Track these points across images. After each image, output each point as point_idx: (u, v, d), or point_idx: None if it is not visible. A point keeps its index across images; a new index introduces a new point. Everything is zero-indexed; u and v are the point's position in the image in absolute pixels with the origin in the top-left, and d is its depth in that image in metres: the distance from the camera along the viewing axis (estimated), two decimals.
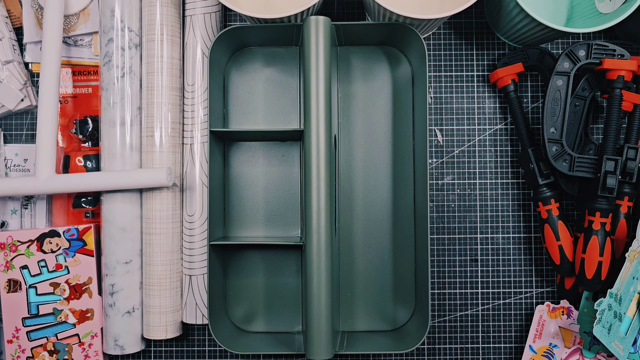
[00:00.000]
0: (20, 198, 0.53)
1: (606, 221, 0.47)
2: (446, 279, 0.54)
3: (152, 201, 0.50)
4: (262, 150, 0.53)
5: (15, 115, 0.55)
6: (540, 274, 0.54)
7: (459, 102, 0.54)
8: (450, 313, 0.54)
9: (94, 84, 0.54)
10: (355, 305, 0.52)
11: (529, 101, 0.54)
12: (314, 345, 0.45)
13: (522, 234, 0.54)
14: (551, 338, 0.52)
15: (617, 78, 0.48)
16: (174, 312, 0.50)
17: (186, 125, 0.51)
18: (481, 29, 0.55)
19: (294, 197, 0.52)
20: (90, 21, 0.53)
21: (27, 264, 0.51)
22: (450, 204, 0.54)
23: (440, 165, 0.54)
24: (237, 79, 0.52)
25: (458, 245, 0.54)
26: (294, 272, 0.52)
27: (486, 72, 0.54)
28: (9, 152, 0.54)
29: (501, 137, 0.54)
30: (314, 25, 0.46)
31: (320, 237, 0.46)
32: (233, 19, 0.55)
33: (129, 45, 0.50)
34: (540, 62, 0.52)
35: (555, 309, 0.52)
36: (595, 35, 0.54)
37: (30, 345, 0.51)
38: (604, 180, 0.47)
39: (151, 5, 0.49)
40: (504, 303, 0.54)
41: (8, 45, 0.52)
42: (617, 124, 0.48)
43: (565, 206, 0.54)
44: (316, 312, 0.45)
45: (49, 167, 0.49)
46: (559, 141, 0.49)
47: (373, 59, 0.53)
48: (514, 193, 0.54)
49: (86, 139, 0.53)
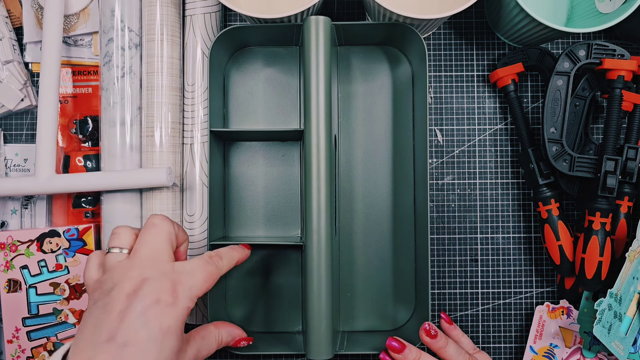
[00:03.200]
0: (20, 198, 0.53)
1: (606, 221, 0.47)
2: (446, 279, 0.54)
3: (152, 201, 0.50)
4: (262, 150, 0.53)
5: (15, 115, 0.55)
6: (541, 274, 0.54)
7: (459, 102, 0.54)
8: (450, 313, 0.54)
9: (94, 84, 0.54)
10: (355, 305, 0.52)
11: (529, 101, 0.54)
12: (314, 345, 0.45)
13: (522, 234, 0.54)
14: (551, 338, 0.52)
15: (617, 78, 0.47)
16: None
17: (186, 125, 0.51)
18: (481, 29, 0.55)
19: (294, 197, 0.52)
20: (90, 21, 0.53)
21: (27, 264, 0.51)
22: (450, 204, 0.54)
23: (440, 165, 0.54)
24: (237, 79, 0.52)
25: (458, 245, 0.54)
26: (294, 272, 0.52)
27: (486, 72, 0.54)
28: (9, 152, 0.54)
29: (501, 137, 0.54)
30: (314, 25, 0.46)
31: (320, 237, 0.46)
32: (233, 19, 0.55)
33: (129, 45, 0.50)
34: (540, 62, 0.52)
35: (555, 309, 0.52)
36: (595, 35, 0.54)
37: (30, 345, 0.51)
38: (604, 180, 0.47)
39: (151, 5, 0.49)
40: (504, 303, 0.54)
41: (8, 45, 0.52)
42: (617, 124, 0.48)
43: (565, 206, 0.54)
44: (316, 312, 0.45)
45: (49, 167, 0.49)
46: (559, 141, 0.49)
47: (373, 59, 0.52)
48: (514, 193, 0.54)
49: (86, 139, 0.53)
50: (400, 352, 0.43)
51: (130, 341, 0.32)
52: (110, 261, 0.37)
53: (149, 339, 0.33)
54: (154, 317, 0.33)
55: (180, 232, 0.40)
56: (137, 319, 0.33)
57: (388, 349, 0.44)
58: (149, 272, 0.35)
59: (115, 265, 0.36)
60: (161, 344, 0.33)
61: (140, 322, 0.33)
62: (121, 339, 0.32)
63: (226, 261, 0.41)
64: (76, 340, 0.34)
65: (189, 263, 0.37)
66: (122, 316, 0.33)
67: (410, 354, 0.43)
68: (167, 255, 0.37)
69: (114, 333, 0.33)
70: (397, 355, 0.43)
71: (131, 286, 0.34)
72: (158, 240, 0.37)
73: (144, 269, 0.35)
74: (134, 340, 0.33)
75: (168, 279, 0.35)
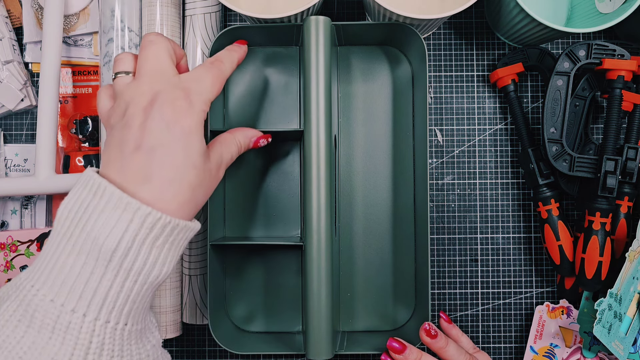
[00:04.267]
0: (20, 198, 0.53)
1: (606, 221, 0.47)
2: (446, 279, 0.54)
3: None
4: (262, 150, 0.53)
5: (15, 115, 0.55)
6: (540, 274, 0.54)
7: (459, 102, 0.54)
8: (450, 313, 0.54)
9: (94, 84, 0.54)
10: (355, 305, 0.52)
11: (529, 101, 0.54)
12: (314, 345, 0.45)
13: (522, 234, 0.54)
14: (552, 338, 0.52)
15: (617, 78, 0.47)
16: (174, 312, 0.50)
17: None
18: (481, 29, 0.55)
19: (294, 197, 0.52)
20: (90, 21, 0.53)
21: (27, 264, 0.51)
22: (450, 204, 0.54)
23: (440, 165, 0.54)
24: (237, 79, 0.52)
25: (458, 245, 0.54)
26: (294, 272, 0.52)
27: (486, 72, 0.54)
28: (9, 152, 0.54)
29: (501, 137, 0.54)
30: (314, 25, 0.46)
31: (320, 237, 0.46)
32: (233, 19, 0.55)
33: (129, 45, 0.50)
34: (540, 62, 0.52)
35: (555, 308, 0.52)
36: (595, 35, 0.54)
37: None
38: (604, 180, 0.47)
39: (151, 5, 0.49)
40: (504, 303, 0.54)
41: (8, 45, 0.52)
42: (617, 124, 0.48)
43: (565, 206, 0.54)
44: (316, 312, 0.45)
45: (49, 167, 0.49)
46: (559, 141, 0.49)
47: (373, 59, 0.52)
48: (514, 193, 0.54)
49: (86, 139, 0.53)
50: (401, 352, 0.43)
51: (156, 145, 0.33)
52: (118, 86, 0.37)
53: (174, 140, 0.33)
54: (174, 120, 0.34)
55: (177, 47, 0.39)
56: (158, 125, 0.33)
57: (389, 350, 0.44)
58: (159, 86, 0.35)
59: (124, 87, 0.36)
60: (186, 144, 0.34)
61: (161, 127, 0.33)
62: (147, 145, 0.33)
63: (228, 63, 0.40)
64: (104, 158, 0.35)
65: (194, 72, 0.37)
66: (143, 127, 0.33)
67: (411, 354, 0.43)
68: (171, 68, 0.37)
69: (139, 142, 0.33)
70: (398, 355, 0.43)
71: (145, 100, 0.34)
72: (160, 56, 0.36)
73: (153, 83, 0.35)
74: (160, 143, 0.33)
75: (178, 87, 0.35)
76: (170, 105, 0.34)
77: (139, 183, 0.33)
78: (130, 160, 0.33)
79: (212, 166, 0.37)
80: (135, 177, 0.33)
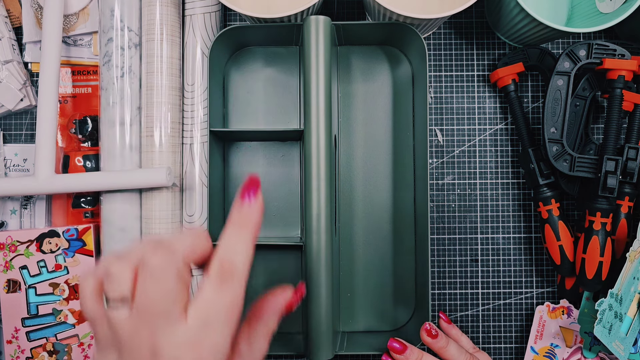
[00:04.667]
0: (20, 198, 0.53)
1: (607, 221, 0.47)
2: (446, 279, 0.54)
3: (151, 201, 0.50)
4: (262, 150, 0.52)
5: (14, 115, 0.54)
6: (541, 274, 0.54)
7: (459, 102, 0.54)
8: (451, 313, 0.53)
9: (93, 84, 0.54)
10: (355, 305, 0.52)
11: (529, 101, 0.54)
12: (314, 345, 0.45)
13: (523, 234, 0.54)
14: (552, 338, 0.52)
15: (617, 78, 0.47)
16: None
17: (186, 125, 0.51)
18: (481, 29, 0.55)
19: (294, 197, 0.52)
20: (89, 21, 0.53)
21: (26, 264, 0.51)
22: (450, 204, 0.54)
23: (440, 165, 0.54)
24: (237, 79, 0.52)
25: (458, 245, 0.54)
26: (294, 272, 0.52)
27: (486, 72, 0.54)
28: (9, 152, 0.54)
29: (501, 137, 0.54)
30: (314, 25, 0.46)
31: (320, 237, 0.45)
32: (233, 18, 0.55)
33: (129, 45, 0.50)
34: (541, 62, 0.51)
35: (555, 308, 0.52)
36: (595, 35, 0.54)
37: (29, 345, 0.51)
38: (604, 180, 0.47)
39: (151, 5, 0.49)
40: (504, 303, 0.53)
41: (7, 45, 0.52)
42: (617, 124, 0.48)
43: (565, 206, 0.54)
44: (316, 312, 0.45)
45: (49, 167, 0.49)
46: (560, 141, 0.48)
47: (373, 58, 0.52)
48: (514, 193, 0.54)
49: (86, 139, 0.53)
50: (401, 353, 0.43)
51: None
52: (113, 319, 0.29)
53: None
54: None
55: (197, 241, 0.30)
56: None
57: (389, 350, 0.44)
58: (161, 339, 0.28)
59: (118, 325, 0.29)
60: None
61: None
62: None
63: (242, 269, 0.30)
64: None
65: (204, 310, 0.29)
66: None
67: (412, 354, 0.43)
68: (178, 304, 0.29)
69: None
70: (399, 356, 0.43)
71: (146, 353, 0.28)
72: (163, 288, 0.28)
73: (153, 330, 0.28)
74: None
75: (185, 342, 0.28)
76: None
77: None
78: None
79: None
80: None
